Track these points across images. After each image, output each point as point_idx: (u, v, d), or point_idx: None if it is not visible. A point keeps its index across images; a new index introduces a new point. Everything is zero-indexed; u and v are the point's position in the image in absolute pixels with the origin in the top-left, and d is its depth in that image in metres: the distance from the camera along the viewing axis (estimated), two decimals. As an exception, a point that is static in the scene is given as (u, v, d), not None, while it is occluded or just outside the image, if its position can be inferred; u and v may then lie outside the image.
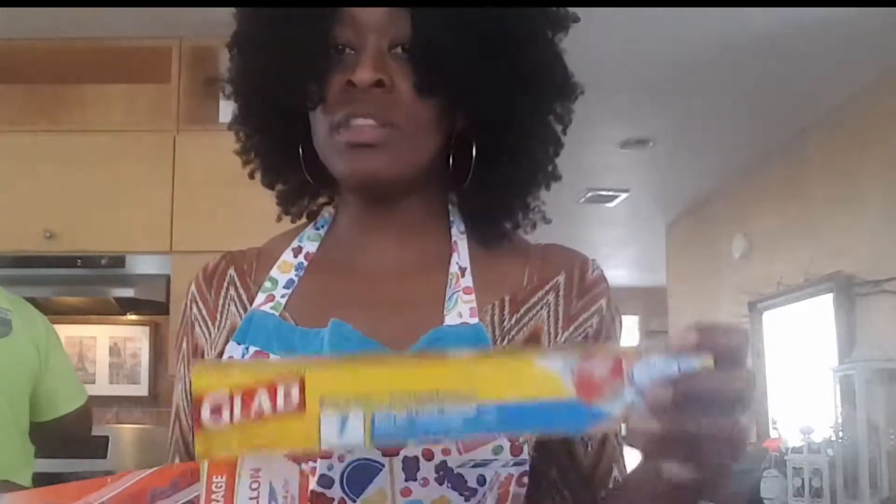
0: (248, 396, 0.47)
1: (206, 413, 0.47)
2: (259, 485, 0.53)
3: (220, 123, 3.18)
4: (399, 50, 0.73)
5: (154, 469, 0.56)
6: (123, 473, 0.56)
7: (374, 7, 0.72)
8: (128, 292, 2.84)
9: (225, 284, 0.82)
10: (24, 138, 2.92)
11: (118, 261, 2.79)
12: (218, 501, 0.53)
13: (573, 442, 0.76)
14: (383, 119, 0.72)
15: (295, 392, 0.47)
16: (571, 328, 0.77)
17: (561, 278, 0.79)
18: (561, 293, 0.78)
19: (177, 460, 0.82)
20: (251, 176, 0.85)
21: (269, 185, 0.85)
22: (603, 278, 0.80)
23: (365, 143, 0.72)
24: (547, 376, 0.50)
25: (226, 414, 0.47)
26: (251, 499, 0.53)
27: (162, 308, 2.94)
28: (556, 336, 0.76)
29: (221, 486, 0.53)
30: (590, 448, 0.76)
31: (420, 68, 0.72)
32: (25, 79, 3.22)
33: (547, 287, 0.78)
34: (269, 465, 0.54)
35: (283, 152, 0.81)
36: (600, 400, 0.50)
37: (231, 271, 0.83)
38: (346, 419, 0.48)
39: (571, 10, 0.79)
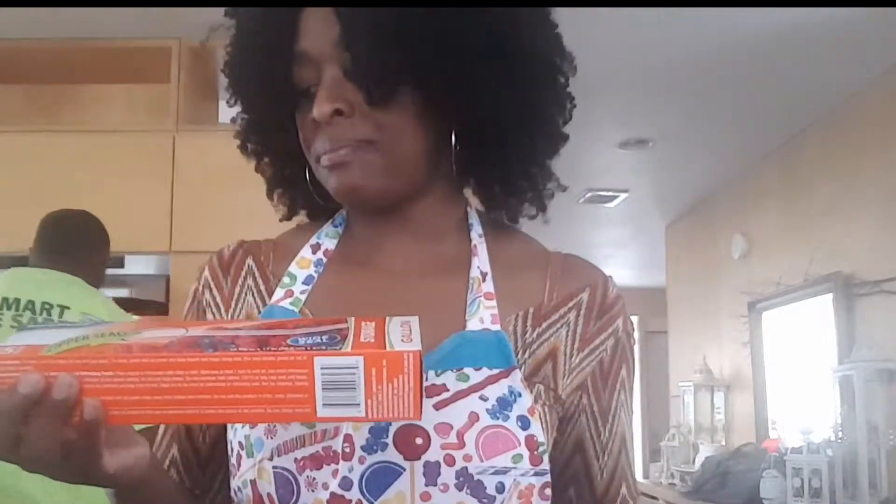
0: None
1: None
2: (410, 329, 0.59)
3: (220, 123, 3.19)
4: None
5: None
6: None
7: (325, 22, 0.72)
8: (127, 293, 2.84)
9: (243, 273, 0.81)
10: (24, 138, 2.92)
11: (117, 261, 2.78)
12: (369, 330, 0.59)
13: (591, 464, 0.78)
14: (352, 141, 0.73)
15: None
16: (587, 350, 0.77)
17: (584, 296, 0.79)
18: (582, 312, 0.78)
19: (173, 448, 0.81)
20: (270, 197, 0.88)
21: (277, 200, 0.87)
22: (620, 297, 0.80)
23: (341, 163, 0.74)
24: None
25: None
26: (403, 326, 0.60)
27: (161, 308, 2.94)
28: (571, 357, 0.76)
29: (372, 326, 0.60)
30: (604, 475, 0.78)
31: (361, 86, 0.72)
32: (25, 79, 3.22)
33: (570, 304, 0.78)
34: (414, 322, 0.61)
35: (287, 170, 0.84)
36: None
37: (249, 261, 0.82)
38: None
39: None
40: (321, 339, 0.56)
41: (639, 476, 5.56)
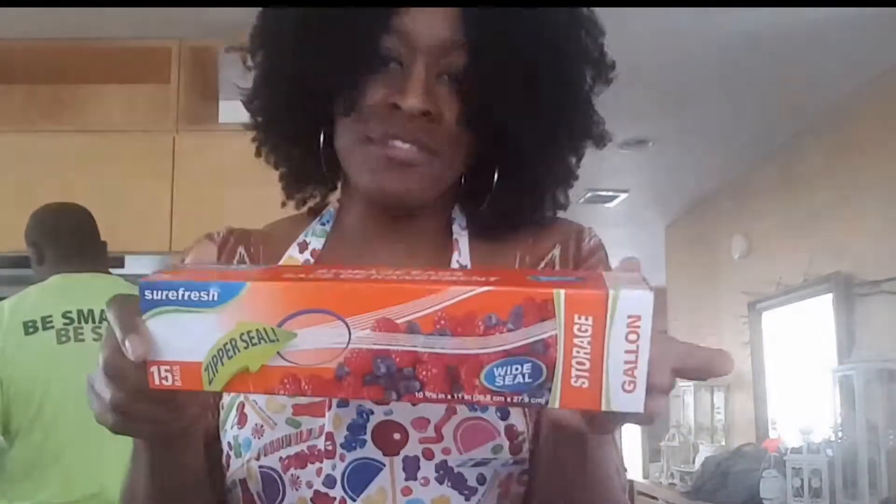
0: None
1: None
2: (638, 337, 0.44)
3: (220, 124, 3.19)
4: (445, 77, 0.72)
5: (482, 289, 0.45)
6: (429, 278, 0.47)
7: (423, 7, 0.70)
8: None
9: (235, 261, 0.80)
10: (24, 138, 2.92)
11: (117, 261, 2.79)
12: (583, 347, 0.45)
13: None
14: (424, 145, 0.71)
15: None
16: None
17: (556, 252, 0.78)
18: (556, 267, 0.77)
19: None
20: (258, 154, 0.82)
21: (276, 164, 0.83)
22: (600, 246, 0.79)
23: (403, 161, 0.70)
24: None
25: None
26: (628, 352, 0.44)
27: (161, 308, 2.94)
28: None
29: (587, 331, 0.44)
30: None
31: (471, 101, 0.71)
32: (25, 79, 3.22)
33: (541, 265, 0.77)
34: (647, 308, 0.45)
35: (298, 134, 0.79)
36: None
37: (241, 249, 0.81)
38: None
39: (611, 58, 0.83)
40: (522, 376, 0.45)
41: (639, 476, 5.55)
